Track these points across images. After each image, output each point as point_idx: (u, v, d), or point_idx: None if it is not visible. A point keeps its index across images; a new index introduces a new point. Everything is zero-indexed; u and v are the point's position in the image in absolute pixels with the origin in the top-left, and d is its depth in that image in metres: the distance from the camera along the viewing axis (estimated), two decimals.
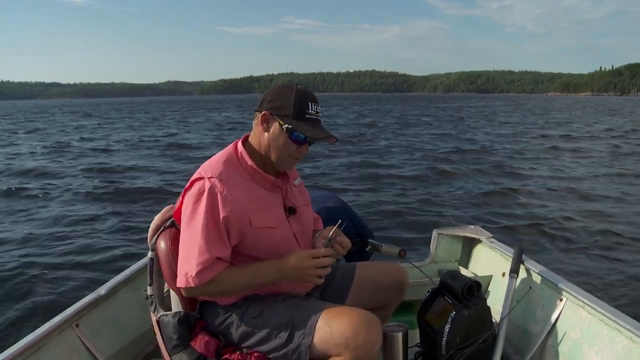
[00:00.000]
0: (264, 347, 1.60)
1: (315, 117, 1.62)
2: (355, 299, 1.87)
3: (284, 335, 1.56)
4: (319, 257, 1.55)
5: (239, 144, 1.69)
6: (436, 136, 20.29)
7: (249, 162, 1.64)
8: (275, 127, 1.61)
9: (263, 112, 1.61)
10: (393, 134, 21.96)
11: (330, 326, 1.50)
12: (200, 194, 1.54)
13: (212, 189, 1.54)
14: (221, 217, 1.53)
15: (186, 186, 1.63)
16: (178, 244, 1.62)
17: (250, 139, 1.70)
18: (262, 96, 1.67)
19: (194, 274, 1.51)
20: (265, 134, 1.62)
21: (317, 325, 1.52)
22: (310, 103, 1.61)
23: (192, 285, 1.52)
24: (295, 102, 1.59)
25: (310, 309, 1.58)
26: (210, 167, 1.61)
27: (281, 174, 1.74)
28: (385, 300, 1.95)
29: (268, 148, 1.63)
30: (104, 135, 22.39)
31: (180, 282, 1.55)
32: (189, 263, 1.53)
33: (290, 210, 1.73)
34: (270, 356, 1.60)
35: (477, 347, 1.85)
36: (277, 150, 1.62)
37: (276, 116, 1.60)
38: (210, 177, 1.56)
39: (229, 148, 1.70)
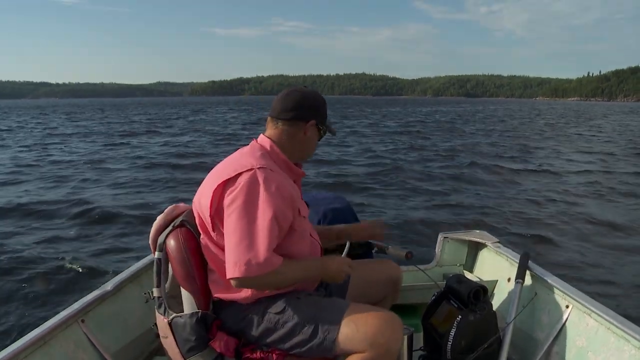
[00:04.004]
0: (286, 344, 1.60)
1: None
2: (352, 296, 1.92)
3: (308, 330, 1.57)
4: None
5: (265, 141, 1.70)
6: (437, 138, 20.37)
7: (282, 155, 1.69)
8: (313, 130, 1.72)
9: (310, 121, 1.70)
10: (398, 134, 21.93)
11: (356, 323, 1.55)
12: (253, 183, 1.53)
13: (265, 179, 1.54)
14: (277, 205, 1.53)
15: (219, 182, 1.55)
16: (193, 243, 1.64)
17: (270, 137, 1.71)
18: (292, 103, 1.69)
19: (261, 261, 1.47)
20: (303, 135, 1.71)
21: (343, 322, 1.56)
22: None
23: (254, 274, 1.47)
24: (325, 107, 1.77)
25: (335, 306, 1.63)
26: (254, 160, 1.59)
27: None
28: (379, 295, 2.01)
29: (301, 147, 1.73)
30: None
31: (238, 272, 1.47)
32: (253, 250, 1.47)
33: (307, 203, 1.80)
34: (292, 352, 1.60)
35: (482, 352, 1.84)
36: (311, 148, 1.77)
37: (320, 124, 1.74)
38: (260, 168, 1.55)
39: (253, 146, 1.71)
